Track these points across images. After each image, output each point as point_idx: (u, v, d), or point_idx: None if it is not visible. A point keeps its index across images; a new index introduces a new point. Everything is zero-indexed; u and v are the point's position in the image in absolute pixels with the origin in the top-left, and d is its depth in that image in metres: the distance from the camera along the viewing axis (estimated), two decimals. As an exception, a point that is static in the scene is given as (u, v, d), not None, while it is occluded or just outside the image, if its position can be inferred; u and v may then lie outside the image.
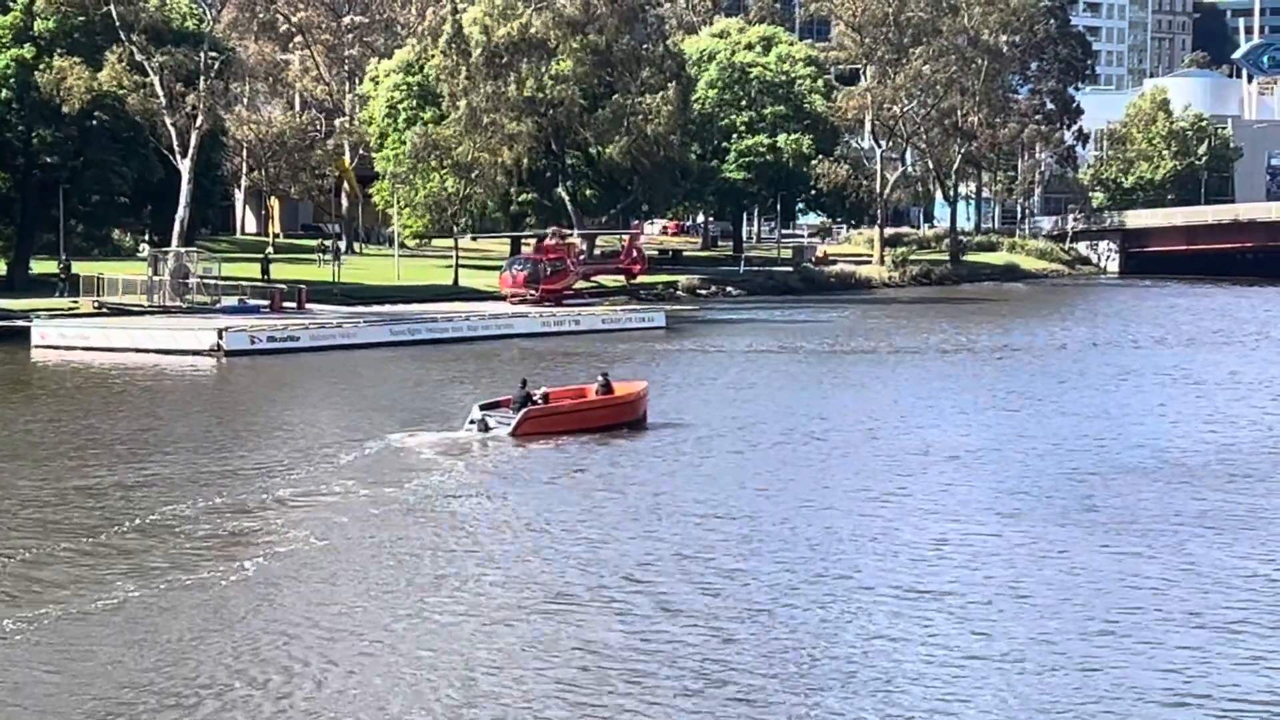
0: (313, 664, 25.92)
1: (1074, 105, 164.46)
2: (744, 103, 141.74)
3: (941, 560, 33.26)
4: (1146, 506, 38.90)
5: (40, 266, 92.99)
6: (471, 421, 48.56)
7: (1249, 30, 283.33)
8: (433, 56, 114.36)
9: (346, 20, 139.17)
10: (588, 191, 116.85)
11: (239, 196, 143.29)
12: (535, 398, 49.70)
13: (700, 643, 27.14)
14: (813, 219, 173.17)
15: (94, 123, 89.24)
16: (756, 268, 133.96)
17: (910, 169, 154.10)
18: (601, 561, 32.73)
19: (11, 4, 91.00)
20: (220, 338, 72.94)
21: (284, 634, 27.46)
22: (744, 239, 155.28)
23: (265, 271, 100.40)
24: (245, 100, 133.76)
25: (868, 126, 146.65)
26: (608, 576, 31.48)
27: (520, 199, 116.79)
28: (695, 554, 33.26)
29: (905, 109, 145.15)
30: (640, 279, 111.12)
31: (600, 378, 51.95)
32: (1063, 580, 31.55)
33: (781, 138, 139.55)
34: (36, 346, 74.19)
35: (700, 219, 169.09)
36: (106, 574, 31.06)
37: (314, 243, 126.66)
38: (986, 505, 39.04)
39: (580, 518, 37.15)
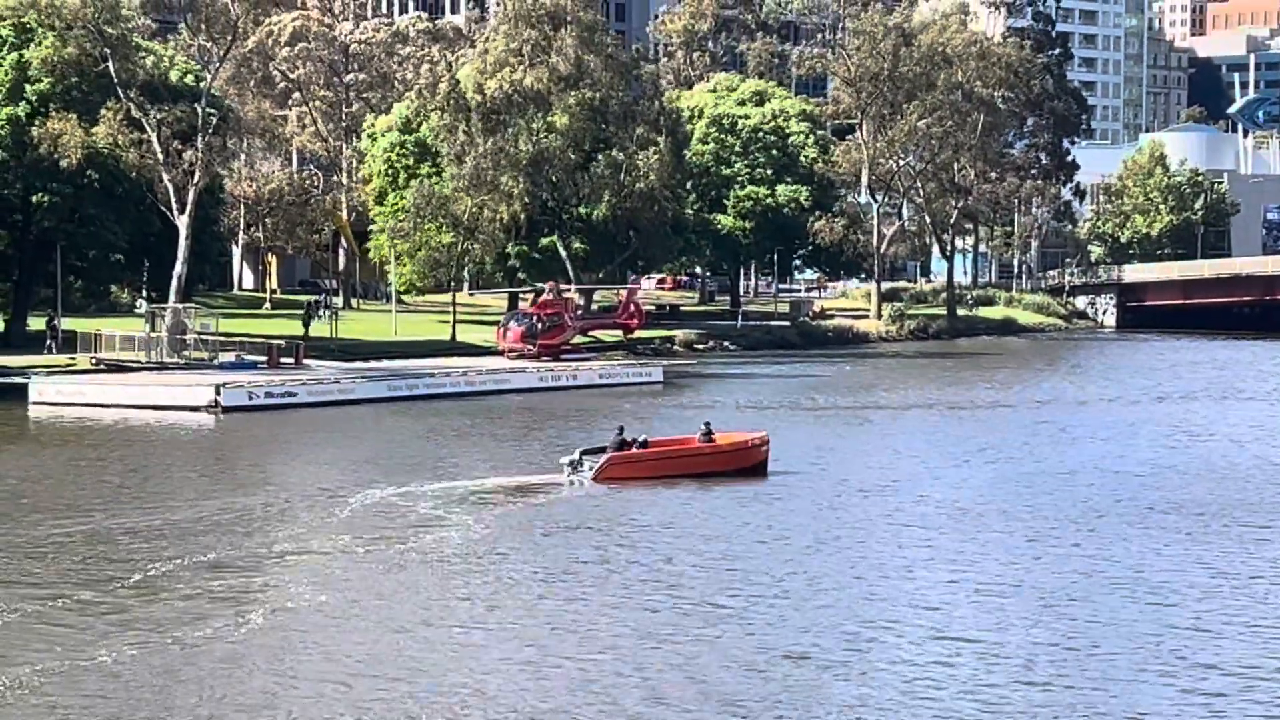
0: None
1: (1070, 160, 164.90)
2: (735, 156, 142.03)
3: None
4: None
5: (38, 323, 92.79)
6: (567, 464, 49.82)
7: (1244, 85, 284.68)
8: (430, 114, 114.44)
9: (349, 78, 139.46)
10: (577, 245, 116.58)
11: (236, 252, 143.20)
12: (634, 444, 50.42)
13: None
14: (810, 274, 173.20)
15: (89, 180, 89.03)
16: (754, 322, 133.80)
17: (907, 223, 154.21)
18: (603, 617, 32.52)
19: (2, 62, 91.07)
20: (218, 394, 72.61)
21: (293, 686, 27.25)
22: (741, 294, 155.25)
23: (306, 325, 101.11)
24: (243, 156, 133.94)
25: (864, 181, 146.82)
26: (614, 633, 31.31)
27: (517, 254, 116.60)
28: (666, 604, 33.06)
29: (901, 164, 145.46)
30: (637, 334, 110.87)
31: (702, 426, 52.46)
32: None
33: (780, 188, 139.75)
34: (34, 403, 73.86)
35: (697, 273, 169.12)
36: (115, 627, 30.77)
37: (309, 298, 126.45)
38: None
39: (594, 572, 36.92)
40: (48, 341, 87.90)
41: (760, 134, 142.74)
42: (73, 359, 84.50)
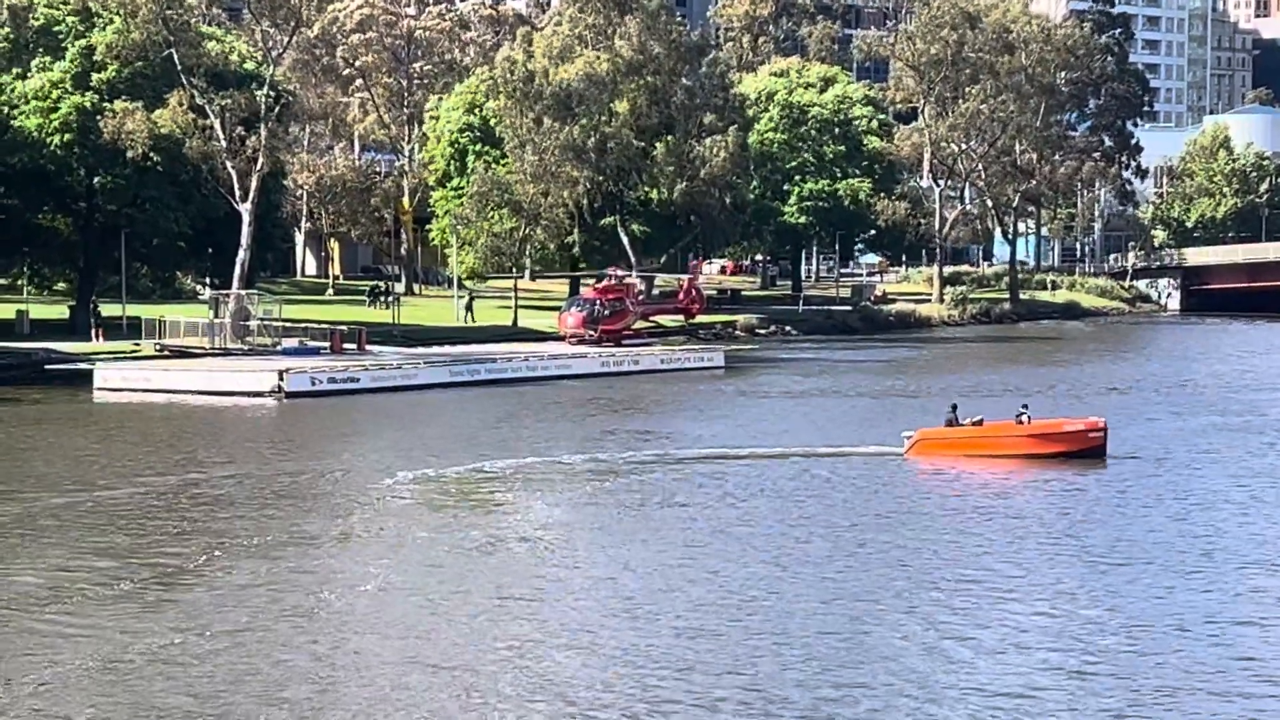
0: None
1: (1133, 142, 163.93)
2: (803, 143, 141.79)
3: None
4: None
5: (104, 310, 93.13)
6: (907, 438, 51.62)
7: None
8: (496, 98, 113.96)
9: (413, 66, 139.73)
10: (636, 227, 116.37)
11: (299, 239, 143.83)
12: (964, 424, 51.46)
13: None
14: (871, 258, 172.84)
15: (152, 163, 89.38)
16: (815, 307, 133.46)
17: (969, 207, 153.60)
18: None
19: (69, 48, 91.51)
20: (281, 379, 72.81)
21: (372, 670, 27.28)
22: (802, 278, 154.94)
23: (469, 309, 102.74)
24: (306, 143, 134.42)
25: (926, 165, 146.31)
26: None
27: (578, 239, 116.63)
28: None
29: (963, 147, 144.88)
30: (699, 319, 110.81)
31: (1020, 408, 52.82)
32: None
33: (842, 183, 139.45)
34: (99, 389, 74.15)
35: (759, 258, 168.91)
36: (190, 606, 30.77)
37: (370, 283, 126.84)
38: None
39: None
40: (93, 326, 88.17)
41: (827, 124, 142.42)
42: (137, 345, 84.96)
